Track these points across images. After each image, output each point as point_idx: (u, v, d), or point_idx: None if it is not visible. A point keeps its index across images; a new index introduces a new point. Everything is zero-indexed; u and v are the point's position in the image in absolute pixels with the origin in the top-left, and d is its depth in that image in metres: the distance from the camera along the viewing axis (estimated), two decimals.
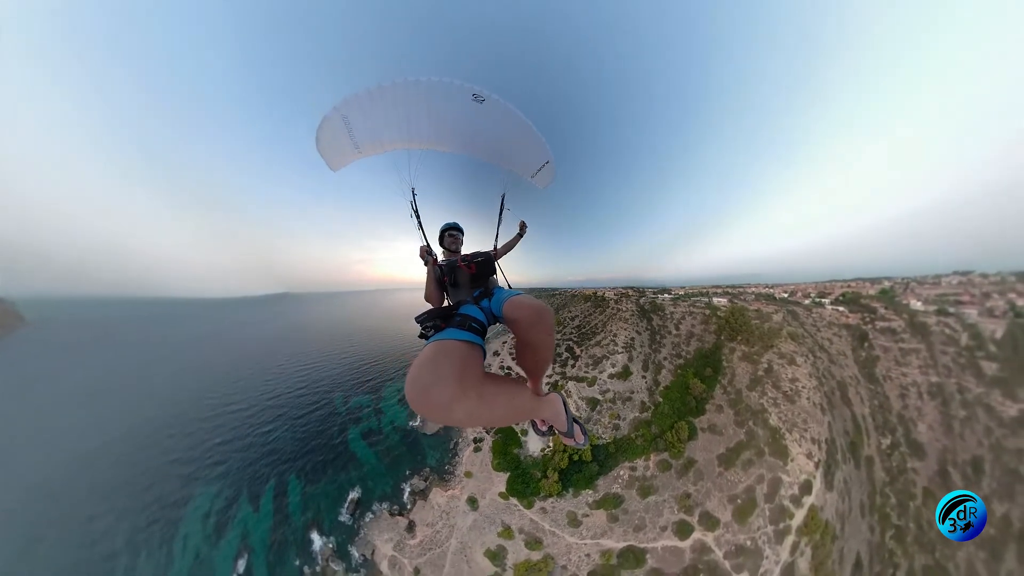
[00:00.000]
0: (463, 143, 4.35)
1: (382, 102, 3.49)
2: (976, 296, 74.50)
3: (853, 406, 47.53)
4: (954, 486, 41.14)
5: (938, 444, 44.86)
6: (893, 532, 37.24)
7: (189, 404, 70.48)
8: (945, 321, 62.27)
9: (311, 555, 35.05)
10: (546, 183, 5.17)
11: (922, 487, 40.83)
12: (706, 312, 60.45)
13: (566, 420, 3.51)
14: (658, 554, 31.23)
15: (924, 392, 51.01)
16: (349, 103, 3.41)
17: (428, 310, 3.27)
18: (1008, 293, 74.76)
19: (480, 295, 3.88)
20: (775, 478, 34.68)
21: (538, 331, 2.73)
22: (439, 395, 1.74)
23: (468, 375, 1.95)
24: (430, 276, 4.19)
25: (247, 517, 38.83)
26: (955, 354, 56.19)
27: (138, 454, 53.04)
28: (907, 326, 61.14)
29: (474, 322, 2.90)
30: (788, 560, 30.71)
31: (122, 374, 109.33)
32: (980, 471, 41.96)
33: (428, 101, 3.62)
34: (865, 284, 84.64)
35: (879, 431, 46.07)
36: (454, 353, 2.09)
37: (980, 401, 49.20)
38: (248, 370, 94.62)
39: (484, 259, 4.34)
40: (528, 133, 4.31)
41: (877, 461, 42.61)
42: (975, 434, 45.54)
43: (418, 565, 33.18)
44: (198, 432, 58.66)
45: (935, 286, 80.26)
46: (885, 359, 56.07)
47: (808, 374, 45.44)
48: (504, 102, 3.79)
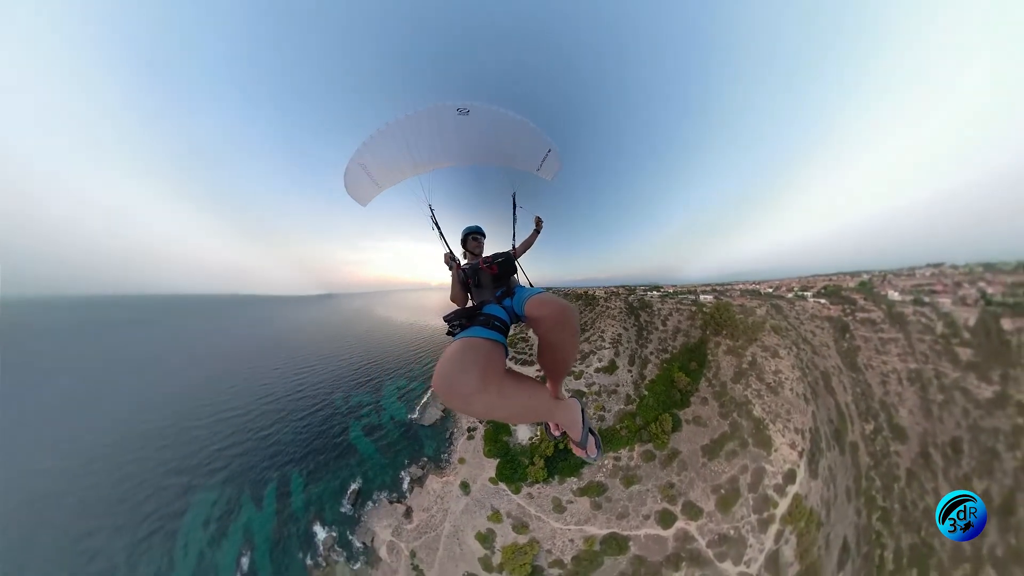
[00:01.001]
0: (462, 155, 4.60)
1: (384, 143, 3.96)
2: (948, 285, 77.53)
3: (836, 395, 48.94)
4: (935, 466, 42.42)
5: (919, 427, 46.30)
6: (879, 514, 38.15)
7: (184, 410, 69.05)
8: (921, 311, 64.74)
9: (314, 547, 35.93)
10: (554, 173, 5.16)
11: (905, 469, 42.01)
12: (692, 308, 62.16)
13: (582, 429, 3.40)
14: (641, 542, 31.70)
15: (904, 379, 52.74)
16: (361, 152, 3.99)
17: (455, 310, 3.38)
18: (977, 282, 78.09)
19: (502, 295, 3.98)
20: (759, 468, 35.37)
21: (561, 331, 2.71)
22: (462, 386, 1.86)
23: (490, 370, 2.06)
24: (454, 279, 4.40)
25: (250, 516, 39.20)
26: (931, 341, 58.33)
27: (129, 467, 51.77)
28: (886, 316, 63.41)
29: (497, 321, 2.95)
30: (772, 548, 31.24)
31: (98, 384, 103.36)
32: (959, 451, 43.36)
33: (419, 129, 3.94)
34: (845, 277, 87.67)
35: (862, 418, 47.41)
36: (478, 349, 2.20)
37: (957, 385, 51.00)
38: (248, 369, 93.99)
39: (504, 259, 4.41)
40: (522, 128, 4.37)
41: (861, 446, 43.79)
42: (953, 416, 47.11)
43: (414, 548, 34.25)
44: (195, 439, 57.70)
45: (910, 277, 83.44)
46: (866, 348, 57.95)
47: (791, 366, 46.87)
48: (488, 106, 3.95)
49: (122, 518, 41.00)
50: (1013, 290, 74.06)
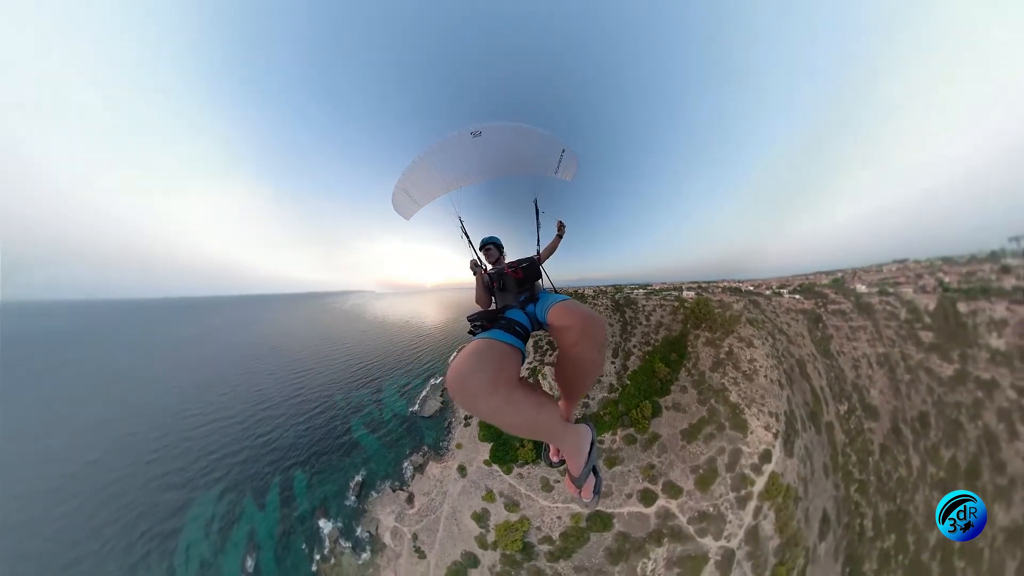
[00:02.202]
0: (484, 172, 5.02)
1: (419, 171, 4.55)
2: (911, 277, 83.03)
3: (812, 380, 51.91)
4: (906, 440, 45.00)
5: (889, 405, 49.21)
6: (857, 486, 40.26)
7: (173, 419, 65.27)
8: (886, 300, 69.34)
9: (320, 541, 36.44)
10: (572, 173, 5.37)
11: (879, 444, 44.50)
12: (675, 304, 65.79)
13: (585, 464, 2.93)
14: (624, 519, 33.22)
15: (873, 362, 56.16)
16: (402, 180, 4.71)
17: (479, 311, 3.43)
18: (936, 273, 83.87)
19: (526, 300, 3.97)
20: (735, 449, 37.38)
21: (584, 344, 2.55)
22: (472, 386, 1.88)
23: (502, 375, 2.07)
24: (479, 283, 4.65)
25: (253, 517, 39.11)
26: (896, 327, 62.40)
27: (114, 487, 47.83)
28: (854, 307, 67.77)
29: (518, 326, 2.91)
30: (752, 523, 32.82)
31: (73, 399, 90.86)
32: (927, 424, 46.16)
33: (444, 156, 4.40)
34: (820, 276, 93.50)
35: (836, 399, 50.24)
36: (494, 352, 2.23)
37: (921, 365, 54.51)
38: (238, 375, 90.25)
39: (529, 264, 4.48)
40: (531, 136, 4.66)
41: (837, 426, 46.35)
42: (919, 394, 50.24)
43: (416, 531, 35.67)
44: (188, 450, 54.67)
45: (878, 273, 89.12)
46: (838, 336, 61.63)
47: (765, 354, 49.98)
48: (497, 124, 4.36)
49: (113, 540, 38.46)
50: (967, 278, 79.70)
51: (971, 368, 52.17)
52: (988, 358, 52.87)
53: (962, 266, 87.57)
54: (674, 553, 31.87)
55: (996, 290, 71.93)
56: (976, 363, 52.79)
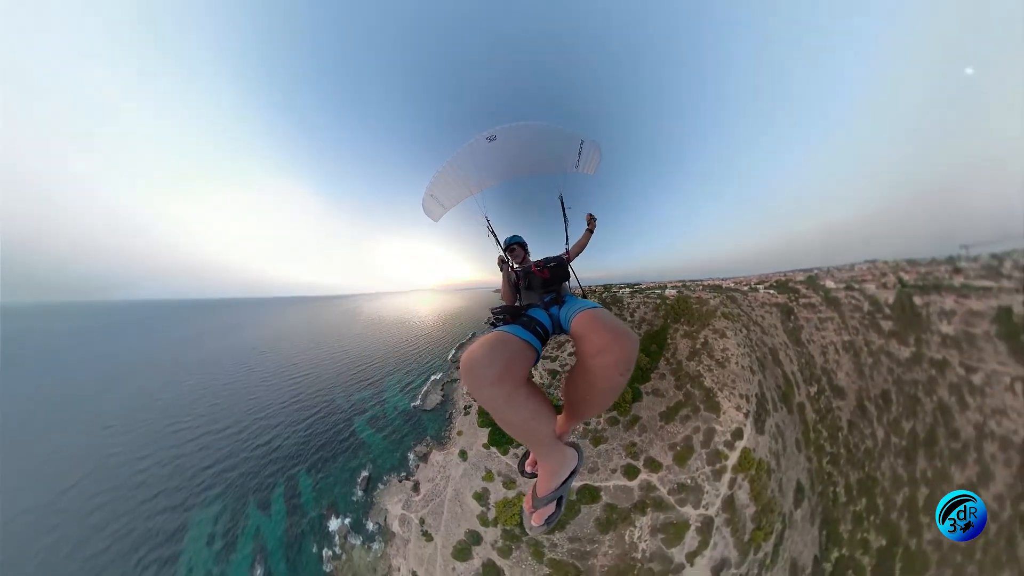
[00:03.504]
0: (504, 173, 5.13)
1: (444, 178, 4.83)
2: (876, 275, 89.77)
3: (784, 366, 55.83)
4: (871, 415, 48.55)
5: (855, 386, 53.11)
6: (828, 458, 43.31)
7: (159, 431, 60.15)
8: (852, 294, 74.91)
9: (329, 538, 36.74)
10: (594, 165, 5.15)
11: (846, 420, 47.98)
12: (657, 301, 70.40)
13: (553, 489, 2.74)
14: (610, 491, 35.54)
15: (840, 348, 60.53)
16: (431, 186, 4.97)
17: (502, 305, 3.56)
18: (899, 272, 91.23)
19: (551, 301, 3.82)
20: (709, 428, 40.24)
21: (606, 363, 2.22)
22: (481, 371, 1.92)
23: (510, 370, 2.06)
24: (505, 280, 4.71)
25: (259, 526, 38.29)
26: (860, 317, 67.46)
27: (94, 516, 41.63)
28: (823, 300, 73.08)
29: (539, 326, 2.86)
30: (727, 493, 35.25)
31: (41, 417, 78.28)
32: (888, 401, 49.98)
33: (465, 162, 4.65)
34: (798, 273, 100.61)
35: (807, 382, 54.00)
36: (508, 346, 2.23)
37: (882, 350, 59.03)
38: (226, 385, 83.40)
39: (557, 263, 4.40)
40: (546, 133, 4.60)
41: (807, 405, 49.85)
42: (881, 374, 54.38)
43: (423, 516, 37.11)
44: (181, 468, 49.90)
45: (850, 271, 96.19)
46: (808, 327, 66.26)
47: (737, 344, 53.95)
48: (511, 125, 4.35)
49: (107, 567, 34.30)
50: (923, 276, 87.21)
51: (925, 350, 56.81)
52: (940, 341, 57.71)
53: (923, 266, 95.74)
54: (657, 521, 34.17)
55: (947, 286, 78.66)
56: (929, 346, 57.51)
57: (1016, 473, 39.20)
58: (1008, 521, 37.66)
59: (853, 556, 36.65)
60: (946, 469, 41.61)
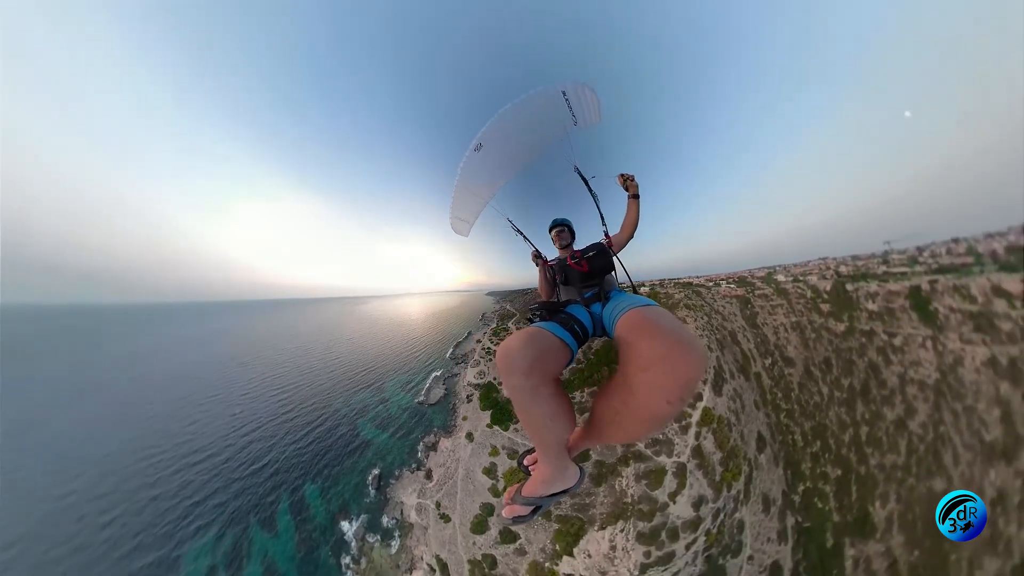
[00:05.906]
0: (508, 171, 5.02)
1: (459, 198, 5.00)
2: (822, 269, 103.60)
3: (742, 344, 63.94)
4: (816, 377, 56.17)
5: (802, 356, 61.28)
6: (784, 413, 49.91)
7: (125, 467, 51.14)
8: (797, 285, 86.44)
9: (345, 543, 35.33)
10: (595, 111, 4.14)
11: (797, 382, 55.45)
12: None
13: (540, 496, 2.58)
14: (597, 450, 40.09)
15: (789, 328, 69.59)
16: (452, 210, 5.19)
17: (540, 301, 3.32)
18: (840, 267, 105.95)
19: (592, 297, 3.28)
20: None
21: (657, 381, 1.53)
22: (514, 361, 1.88)
23: (541, 366, 1.98)
24: (541, 276, 4.26)
25: (266, 546, 35.50)
26: (804, 302, 77.91)
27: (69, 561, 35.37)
28: (775, 291, 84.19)
29: (577, 324, 2.61)
30: (695, 443, 40.70)
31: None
32: (830, 364, 58.16)
33: (473, 176, 4.67)
34: (760, 270, 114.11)
35: (763, 356, 61.84)
36: (543, 342, 2.13)
37: (823, 327, 68.49)
38: (202, 402, 75.51)
39: (596, 251, 3.63)
40: (525, 107, 3.91)
41: (763, 374, 57.17)
42: (822, 345, 63.10)
43: (438, 500, 39.19)
44: (155, 503, 42.88)
45: (804, 267, 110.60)
46: (762, 313, 75.91)
47: (696, 328, 62.12)
48: (489, 123, 3.98)
49: None
50: (857, 268, 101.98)
51: (856, 324, 66.90)
52: (867, 316, 68.24)
53: (861, 261, 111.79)
54: (640, 470, 39.03)
55: (872, 275, 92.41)
56: (859, 320, 67.68)
57: (932, 405, 47.07)
58: (932, 441, 45.06)
59: (816, 487, 42.63)
60: (879, 410, 49.17)
